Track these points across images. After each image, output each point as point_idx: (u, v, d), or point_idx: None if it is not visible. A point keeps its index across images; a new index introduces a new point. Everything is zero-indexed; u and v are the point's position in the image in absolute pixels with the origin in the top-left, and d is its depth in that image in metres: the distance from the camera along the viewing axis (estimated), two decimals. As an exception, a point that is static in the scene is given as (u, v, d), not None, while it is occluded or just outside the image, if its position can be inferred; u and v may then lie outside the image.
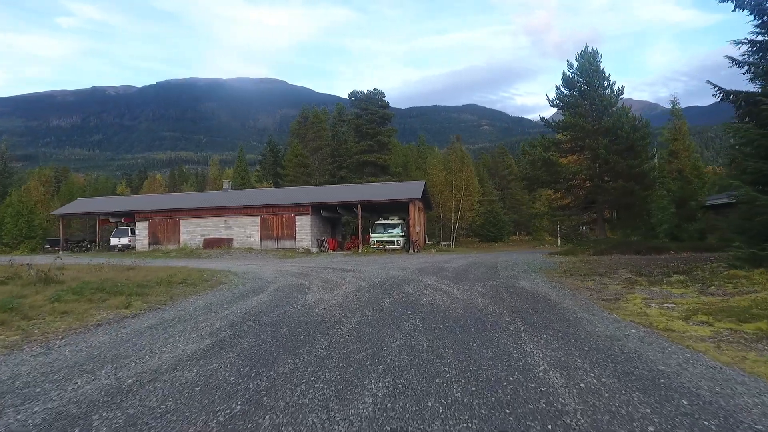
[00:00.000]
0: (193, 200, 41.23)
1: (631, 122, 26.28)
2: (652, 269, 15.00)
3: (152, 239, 38.71)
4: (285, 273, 17.26)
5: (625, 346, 5.48)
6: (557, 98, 29.04)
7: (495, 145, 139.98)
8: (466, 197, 57.02)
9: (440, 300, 9.53)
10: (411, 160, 67.17)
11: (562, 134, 29.84)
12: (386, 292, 10.84)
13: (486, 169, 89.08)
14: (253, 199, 39.47)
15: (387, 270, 17.73)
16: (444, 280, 13.67)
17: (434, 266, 19.59)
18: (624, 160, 25.26)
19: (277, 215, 37.45)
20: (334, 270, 18.32)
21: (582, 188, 28.88)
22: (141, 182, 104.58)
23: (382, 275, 15.40)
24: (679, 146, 28.47)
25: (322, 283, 13.46)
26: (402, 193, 37.97)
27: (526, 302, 9.08)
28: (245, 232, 37.77)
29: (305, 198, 38.27)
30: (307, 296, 10.41)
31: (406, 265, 20.14)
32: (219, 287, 12.62)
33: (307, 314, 8.04)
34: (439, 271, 16.88)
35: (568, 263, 19.16)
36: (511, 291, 10.92)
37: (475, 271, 16.74)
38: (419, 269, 17.88)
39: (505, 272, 16.14)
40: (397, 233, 36.21)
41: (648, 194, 25.80)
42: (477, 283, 12.83)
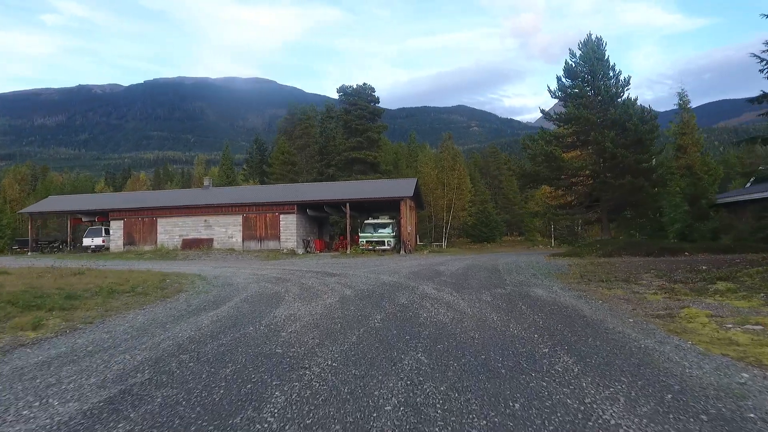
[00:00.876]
0: (172, 198, 38.86)
1: (638, 114, 24.49)
2: (682, 274, 13.10)
3: (127, 239, 36.32)
4: (261, 278, 15.16)
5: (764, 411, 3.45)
6: (559, 89, 27.15)
7: (485, 146, 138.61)
8: (458, 196, 55.14)
9: (445, 316, 7.50)
10: (402, 157, 65.14)
11: (564, 128, 27.98)
12: (376, 305, 8.80)
13: (477, 169, 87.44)
14: (235, 198, 37.21)
15: (377, 274, 15.70)
16: (444, 287, 11.67)
17: (429, 270, 17.60)
18: (632, 155, 23.44)
19: (260, 214, 35.25)
20: (317, 274, 16.25)
21: (585, 185, 27.04)
22: (124, 181, 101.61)
23: (371, 281, 13.36)
24: (688, 141, 26.73)
25: (301, 291, 11.40)
26: (393, 191, 35.92)
27: (556, 320, 7.08)
28: (227, 232, 35.53)
29: (290, 196, 36.09)
30: (278, 310, 8.33)
31: (398, 269, 18.13)
32: (174, 297, 10.49)
33: (269, 340, 5.97)
34: (436, 276, 14.88)
35: (578, 266, 17.23)
36: (530, 302, 8.92)
37: (477, 276, 14.76)
38: (413, 273, 15.87)
39: (511, 277, 14.18)
40: (388, 233, 34.17)
41: (657, 191, 24.02)
42: (483, 291, 10.84)
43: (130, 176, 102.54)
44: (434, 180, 53.82)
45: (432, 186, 53.39)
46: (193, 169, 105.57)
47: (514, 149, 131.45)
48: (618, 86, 25.69)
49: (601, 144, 23.90)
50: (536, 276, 14.38)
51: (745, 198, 25.45)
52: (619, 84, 25.81)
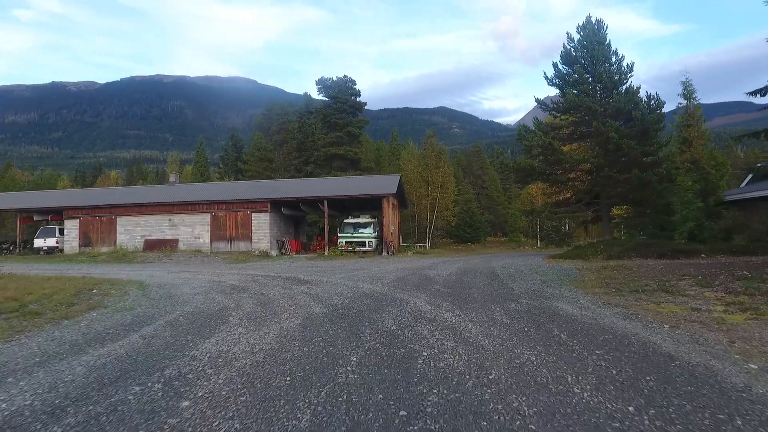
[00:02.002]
0: (133, 195, 35.63)
1: (644, 102, 22.28)
2: (727, 281, 10.75)
3: (83, 240, 33.06)
4: (216, 286, 12.45)
5: None
6: (556, 76, 24.81)
7: (466, 147, 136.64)
8: (442, 195, 52.80)
9: (456, 356, 4.93)
10: (384, 155, 62.52)
11: (560, 119, 25.65)
12: (352, 332, 6.19)
13: (461, 168, 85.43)
14: (203, 195, 34.20)
15: (356, 281, 13.09)
16: (440, 299, 9.14)
17: (417, 274, 15.06)
18: (639, 146, 21.20)
19: (230, 213, 32.35)
20: (285, 281, 13.59)
21: (584, 180, 24.78)
22: (94, 180, 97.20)
23: (348, 291, 10.75)
24: (693, 133, 24.66)
25: (256, 306, 8.75)
26: (374, 187, 33.33)
27: (631, 363, 4.56)
28: (193, 233, 32.55)
29: (264, 193, 33.25)
30: (206, 344, 5.67)
31: (381, 273, 15.55)
32: (79, 317, 7.73)
33: (149, 422, 3.33)
34: (426, 283, 12.35)
35: (589, 271, 14.84)
36: (565, 326, 6.40)
37: (476, 283, 12.27)
38: (399, 279, 13.32)
39: (517, 285, 11.72)
40: (369, 233, 31.57)
41: (665, 187, 21.86)
42: (492, 306, 8.33)
43: (101, 174, 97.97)
44: (418, 178, 51.41)
45: (415, 184, 50.98)
46: (167, 167, 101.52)
47: (496, 150, 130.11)
48: (621, 73, 23.47)
49: (604, 134, 21.59)
50: (547, 284, 11.93)
51: (757, 195, 23.46)
52: (622, 71, 23.59)
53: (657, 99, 22.45)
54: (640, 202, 23.40)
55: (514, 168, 25.28)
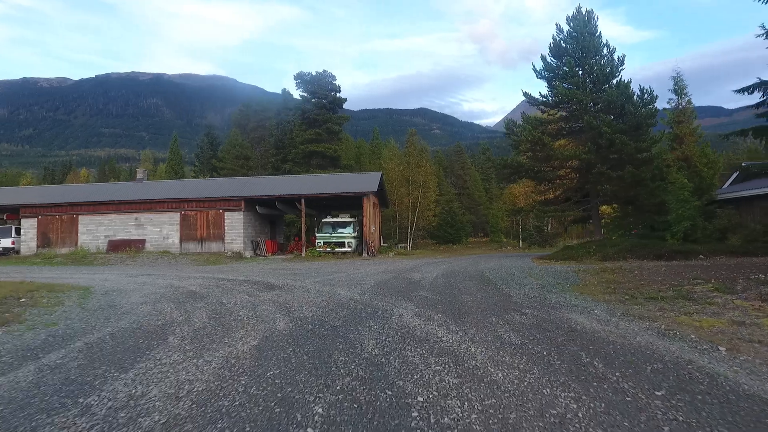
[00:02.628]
0: (96, 193, 33.45)
1: (637, 96, 21.20)
2: (749, 285, 9.54)
3: (42, 240, 30.87)
4: (170, 293, 10.88)
5: None
6: (545, 68, 23.62)
7: (447, 148, 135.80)
8: (424, 195, 51.49)
9: (462, 402, 3.52)
10: (364, 153, 60.96)
11: (549, 114, 24.48)
12: (321, 361, 4.72)
13: (442, 168, 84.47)
14: (172, 192, 32.26)
15: (332, 286, 11.62)
16: (429, 310, 7.73)
17: (400, 278, 13.65)
18: (633, 142, 20.11)
19: (201, 211, 30.53)
20: (253, 286, 12.05)
21: (573, 178, 23.63)
22: (64, 178, 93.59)
23: (322, 299, 9.28)
24: (685, 129, 23.71)
25: (209, 319, 7.23)
26: (354, 185, 31.83)
27: (716, 417, 3.21)
28: (161, 232, 30.63)
29: (237, 191, 31.48)
30: (119, 381, 4.14)
31: (361, 277, 14.09)
32: (-25, 338, 6.13)
33: None
34: (411, 288, 10.95)
35: (588, 273, 13.58)
36: (594, 349, 5.03)
37: (466, 289, 10.92)
38: (380, 284, 11.88)
39: (513, 291, 10.40)
40: (348, 233, 30.07)
41: (657, 185, 20.83)
42: (493, 319, 6.96)
43: (70, 172, 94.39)
44: (399, 177, 49.98)
45: (397, 183, 49.57)
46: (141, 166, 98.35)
47: (475, 151, 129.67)
48: (612, 65, 22.37)
49: (596, 129, 20.42)
50: (547, 289, 10.62)
51: (752, 193, 22.62)
52: (613, 63, 22.50)
53: (650, 93, 21.39)
54: (631, 201, 22.34)
55: (500, 165, 23.99)
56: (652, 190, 20.87)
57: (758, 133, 17.95)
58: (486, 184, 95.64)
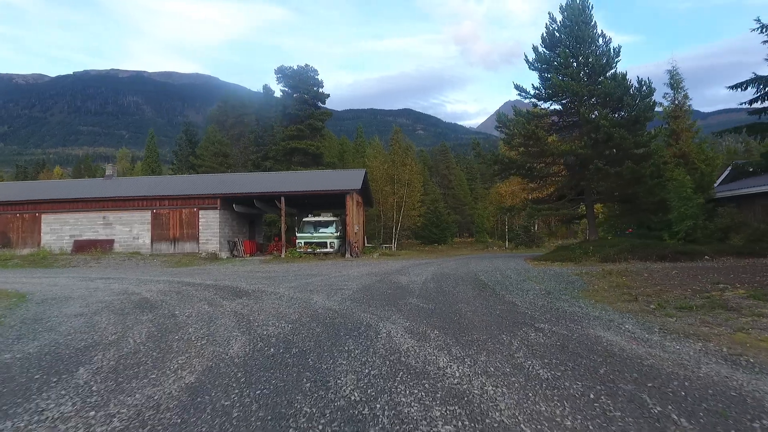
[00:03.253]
0: (62, 190, 31.44)
1: (635, 88, 20.04)
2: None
3: (2, 240, 28.81)
4: (119, 302, 9.35)
5: None
6: (537, 60, 22.37)
7: (431, 149, 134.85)
8: (409, 194, 50.18)
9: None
10: (348, 151, 59.40)
11: (540, 109, 23.25)
12: (276, 413, 3.28)
13: (427, 168, 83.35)
14: (143, 189, 30.40)
15: (309, 292, 10.16)
16: (423, 324, 6.34)
17: (386, 282, 12.25)
18: (631, 137, 18.95)
19: (174, 210, 28.75)
20: (218, 293, 10.56)
21: (567, 175, 22.41)
22: (37, 176, 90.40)
23: (294, 309, 7.84)
24: (682, 125, 22.72)
25: (145, 340, 5.75)
26: (337, 183, 30.33)
27: None
28: (131, 232, 28.79)
29: (213, 188, 29.77)
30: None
31: (342, 281, 12.65)
32: None
33: None
34: (399, 295, 9.57)
35: (593, 276, 12.31)
36: (656, 388, 3.67)
37: (461, 295, 9.59)
38: (364, 289, 10.46)
39: (516, 297, 9.09)
40: (331, 233, 28.55)
41: (656, 182, 19.73)
42: (504, 336, 5.61)
43: (43, 170, 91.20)
44: (384, 175, 48.61)
45: (381, 182, 48.18)
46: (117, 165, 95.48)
47: (460, 152, 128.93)
48: (609, 56, 21.21)
49: (593, 123, 19.22)
50: (553, 295, 9.30)
51: (754, 191, 21.65)
52: (610, 54, 21.35)
53: (648, 85, 20.23)
54: (628, 199, 21.20)
55: (491, 160, 22.68)
56: (651, 188, 19.74)
57: (752, 130, 17.02)
58: (471, 184, 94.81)
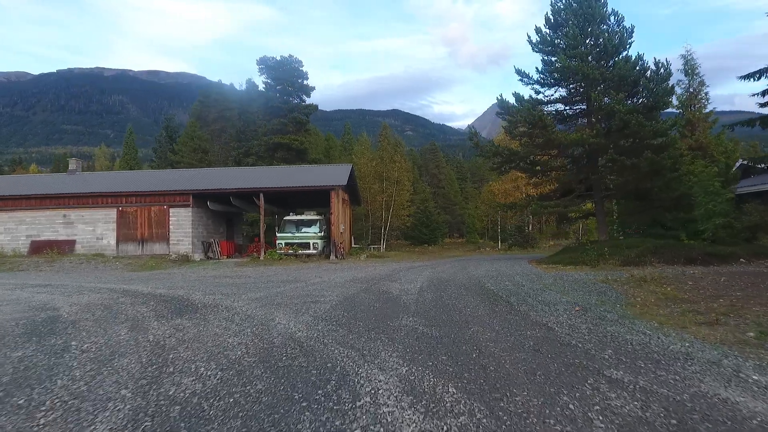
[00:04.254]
0: (17, 186, 28.65)
1: (653, 70, 17.91)
2: None
3: (-50, 241, 26.07)
4: (16, 320, 6.98)
5: None
6: (540, 42, 20.14)
7: (422, 148, 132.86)
8: (398, 192, 47.89)
9: None
10: (335, 147, 56.96)
11: (543, 95, 21.02)
12: None
13: (416, 167, 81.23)
14: (109, 185, 27.78)
15: (274, 307, 7.84)
16: (428, 368, 4.08)
17: (373, 291, 9.97)
18: (650, 124, 16.79)
19: (142, 207, 26.23)
20: (156, 308, 8.22)
21: (573, 169, 20.27)
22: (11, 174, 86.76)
23: (244, 338, 5.52)
24: (698, 115, 20.71)
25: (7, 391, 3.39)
26: (321, 178, 27.97)
27: None
28: (95, 232, 26.21)
29: (185, 184, 27.28)
30: None
31: (320, 290, 10.31)
32: None
33: None
34: (390, 311, 7.31)
35: (628, 285, 10.13)
36: None
37: (468, 309, 7.38)
38: (344, 303, 8.15)
39: (542, 315, 6.89)
40: (314, 233, 26.18)
41: (676, 176, 17.67)
42: (568, 398, 3.34)
43: (18, 168, 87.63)
44: (372, 173, 46.30)
45: (369, 180, 45.88)
46: (96, 163, 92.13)
47: (449, 153, 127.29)
48: (621, 36, 19.05)
49: (606, 109, 17.05)
50: (593, 312, 7.07)
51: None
52: (623, 33, 19.19)
53: (666, 67, 18.09)
54: (643, 195, 19.08)
55: (491, 152, 20.41)
56: (669, 182, 17.63)
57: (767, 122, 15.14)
58: (461, 183, 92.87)
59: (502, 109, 19.29)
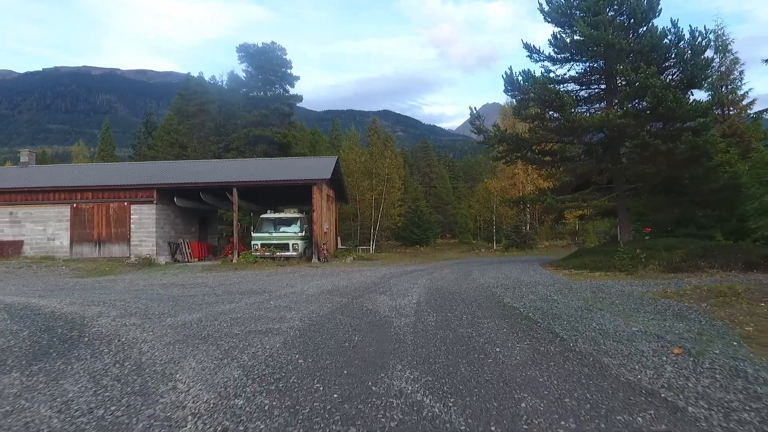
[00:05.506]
0: (-42, 179, 25.58)
1: (689, 38, 15.11)
2: None
3: None
4: None
5: None
6: (553, 10, 17.31)
7: (414, 146, 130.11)
8: (389, 190, 45.01)
9: None
10: (322, 142, 53.91)
11: (555, 74, 18.20)
12: None
13: (407, 165, 78.51)
14: (62, 179, 24.68)
15: (191, 350, 4.89)
16: None
17: (354, 310, 7.06)
18: (690, 102, 13.96)
19: (100, 204, 23.20)
20: (42, 336, 5.27)
21: (583, 160, 17.47)
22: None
23: None
24: (733, 97, 18.09)
25: None
26: (302, 172, 25.05)
27: None
28: (46, 231, 23.14)
29: (149, 178, 24.26)
30: None
31: (284, 310, 7.37)
32: None
33: None
34: (379, 355, 4.38)
35: (708, 300, 7.36)
36: None
37: (502, 352, 4.49)
38: (311, 330, 5.20)
39: (623, 363, 4.02)
40: (294, 233, 23.27)
41: (712, 164, 14.97)
42: None
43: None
44: (361, 169, 43.40)
45: (358, 177, 42.98)
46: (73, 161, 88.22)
47: (440, 153, 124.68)
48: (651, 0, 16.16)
49: (636, 85, 14.20)
50: (711, 358, 4.25)
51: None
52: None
53: (704, 35, 15.33)
54: (672, 187, 16.31)
55: (497, 138, 17.51)
56: (707, 171, 14.88)
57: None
58: (453, 182, 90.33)
59: (510, 85, 16.40)
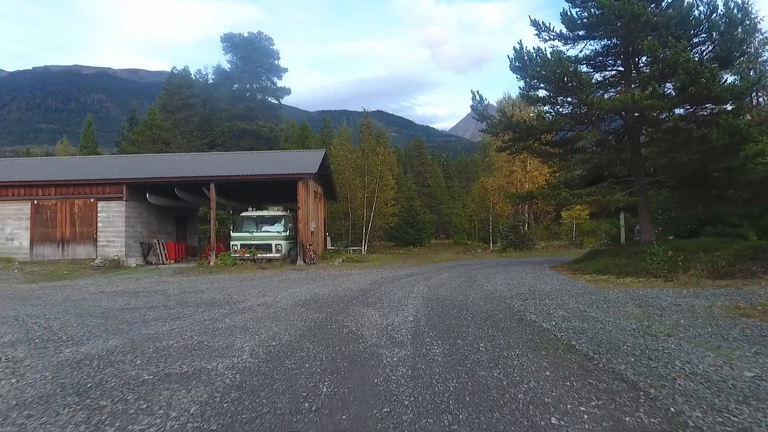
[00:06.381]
0: None
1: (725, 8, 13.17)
2: None
3: None
4: None
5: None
6: (565, -17, 15.42)
7: (407, 144, 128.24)
8: (381, 188, 42.99)
9: None
10: (312, 137, 51.71)
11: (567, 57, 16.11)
12: None
13: (401, 164, 76.64)
14: (21, 174, 22.48)
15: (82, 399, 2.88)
16: None
17: (331, 336, 4.98)
18: (727, 81, 12.05)
19: (64, 200, 21.05)
20: None
21: (600, 150, 15.50)
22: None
23: None
24: (765, 80, 16.24)
25: None
26: (286, 165, 22.96)
27: None
28: (4, 231, 20.97)
29: (118, 172, 22.13)
30: None
31: (239, 332, 5.28)
32: None
33: None
34: (366, 414, 2.37)
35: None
36: None
37: (551, 408, 2.42)
38: (260, 374, 3.16)
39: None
40: (277, 233, 21.19)
41: (750, 155, 13.09)
42: None
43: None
44: (352, 166, 41.35)
45: (350, 174, 40.92)
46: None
47: (434, 154, 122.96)
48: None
49: (666, 62, 12.13)
50: None
51: None
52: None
53: (740, 7, 13.38)
54: (701, 180, 14.35)
55: (501, 125, 15.49)
56: (744, 161, 12.96)
57: None
58: (448, 182, 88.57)
59: (519, 62, 14.38)
